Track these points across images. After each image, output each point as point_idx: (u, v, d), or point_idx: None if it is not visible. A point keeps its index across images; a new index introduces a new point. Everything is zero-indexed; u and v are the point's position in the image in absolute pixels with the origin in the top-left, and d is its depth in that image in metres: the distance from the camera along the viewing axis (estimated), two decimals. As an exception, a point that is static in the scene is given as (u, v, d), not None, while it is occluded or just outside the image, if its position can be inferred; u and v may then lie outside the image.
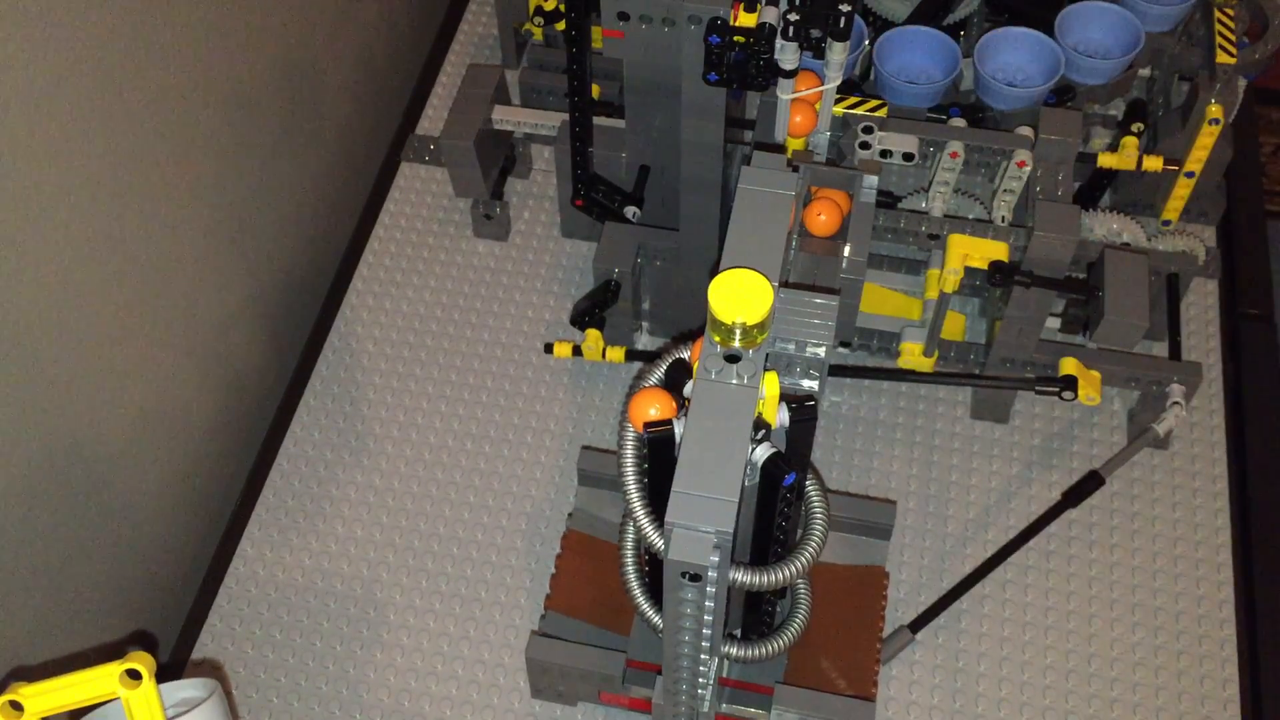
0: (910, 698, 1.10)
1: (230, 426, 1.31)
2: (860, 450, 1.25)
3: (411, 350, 1.33)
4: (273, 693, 1.10)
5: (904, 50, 1.31)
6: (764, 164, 0.88)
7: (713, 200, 1.11)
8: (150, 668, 0.82)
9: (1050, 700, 1.09)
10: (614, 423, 1.27)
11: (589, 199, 1.26)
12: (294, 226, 1.40)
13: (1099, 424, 1.26)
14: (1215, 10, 1.25)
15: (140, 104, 1.06)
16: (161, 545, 1.21)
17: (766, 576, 0.82)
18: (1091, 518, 1.20)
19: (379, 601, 1.15)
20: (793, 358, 0.82)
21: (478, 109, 1.32)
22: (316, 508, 1.22)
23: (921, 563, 1.17)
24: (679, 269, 1.22)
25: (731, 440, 0.75)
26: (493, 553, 1.18)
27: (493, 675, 1.11)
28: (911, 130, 1.20)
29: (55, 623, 1.07)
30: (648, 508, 0.83)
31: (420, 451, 1.25)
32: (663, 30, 0.99)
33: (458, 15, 1.66)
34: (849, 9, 0.96)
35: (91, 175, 1.01)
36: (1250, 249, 1.41)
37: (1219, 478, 1.22)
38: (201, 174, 1.18)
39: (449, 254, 1.41)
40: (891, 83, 1.26)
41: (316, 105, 1.42)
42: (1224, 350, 1.32)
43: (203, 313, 1.23)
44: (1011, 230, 1.16)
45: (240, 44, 1.22)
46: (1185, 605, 1.14)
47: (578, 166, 1.24)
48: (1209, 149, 1.24)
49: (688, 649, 0.84)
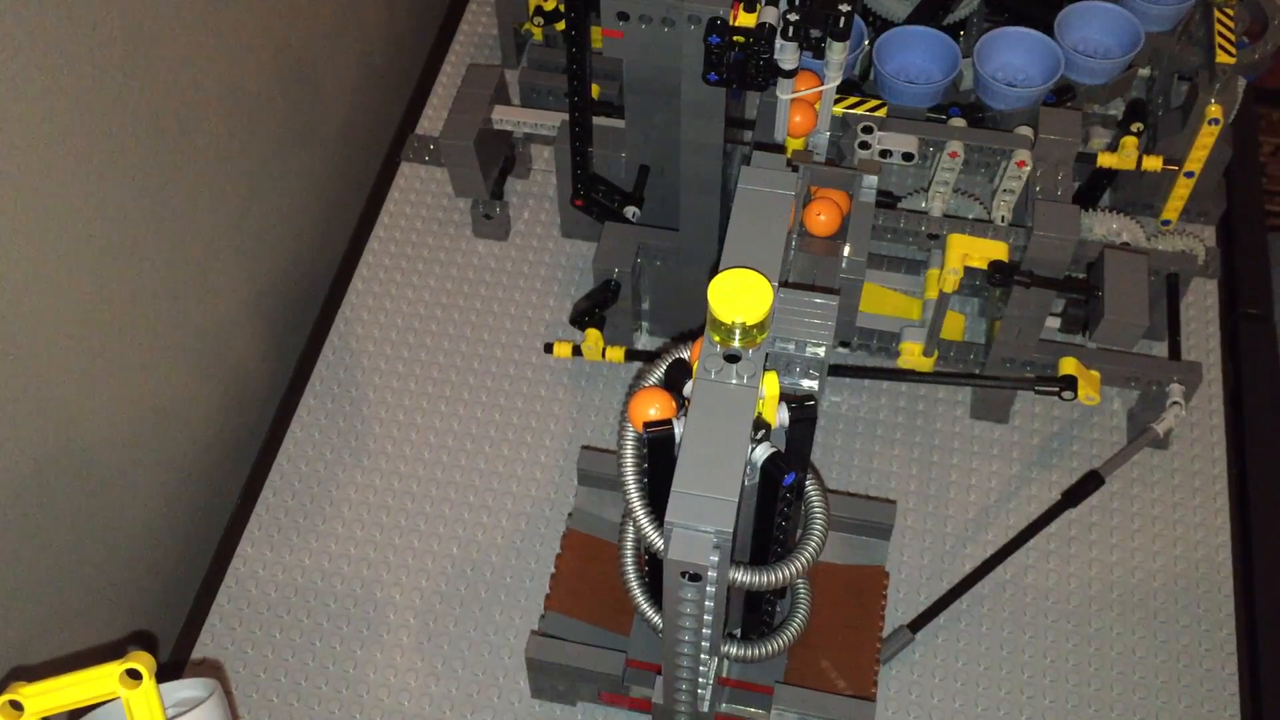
0: (910, 698, 1.10)
1: (230, 426, 1.31)
2: (860, 450, 1.25)
3: (411, 350, 1.33)
4: (273, 693, 1.10)
5: (904, 50, 1.31)
6: (764, 164, 0.88)
7: (713, 200, 1.12)
8: (150, 668, 0.82)
9: (1050, 700, 1.09)
10: (614, 423, 1.27)
11: (589, 199, 1.26)
12: (294, 226, 1.40)
13: (1099, 424, 1.26)
14: (1215, 10, 1.25)
15: (140, 103, 1.06)
16: (161, 545, 1.21)
17: (766, 576, 0.82)
18: (1091, 518, 1.20)
19: (379, 601, 1.15)
20: (793, 358, 0.82)
21: (478, 109, 1.32)
22: (316, 508, 1.22)
23: (921, 563, 1.17)
24: (679, 269, 1.22)
25: (731, 440, 0.75)
26: (493, 553, 1.18)
27: (493, 675, 1.11)
28: (911, 130, 1.20)
29: (55, 623, 1.07)
30: (648, 508, 0.83)
31: (420, 451, 1.25)
32: (663, 30, 0.99)
33: (458, 15, 1.66)
34: (849, 9, 0.96)
35: (91, 175, 1.01)
36: (1250, 249, 1.41)
37: (1219, 478, 1.22)
38: (201, 174, 1.18)
39: (449, 254, 1.41)
40: (891, 83, 1.26)
41: (316, 105, 1.42)
42: (1224, 350, 1.32)
43: (203, 313, 1.23)
44: (1011, 230, 1.16)
45: (240, 44, 1.22)
46: (1185, 605, 1.14)
47: (578, 166, 1.24)
48: (1209, 149, 1.24)
49: (688, 649, 0.84)
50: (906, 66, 1.30)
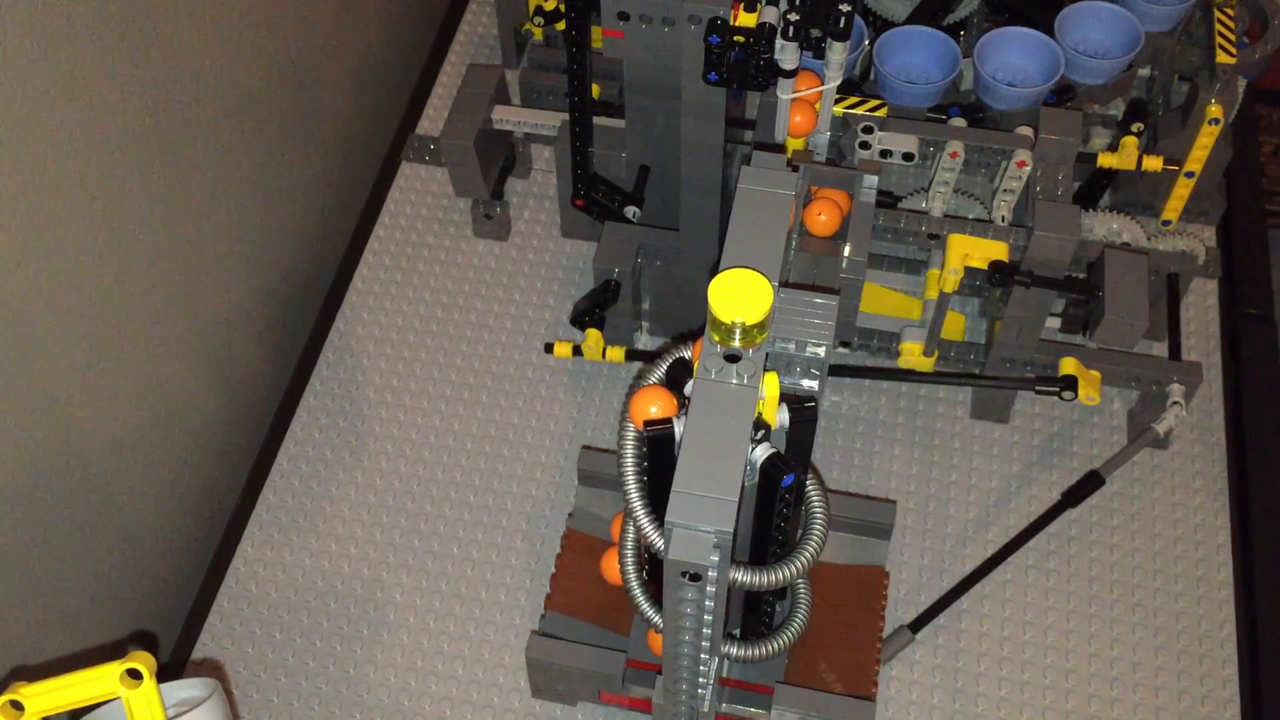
0: (910, 698, 1.10)
1: (230, 426, 1.31)
2: (860, 450, 1.25)
3: (411, 350, 1.33)
4: (273, 693, 1.10)
5: (904, 50, 1.31)
6: (764, 164, 0.88)
7: (713, 200, 1.12)
8: (150, 667, 0.82)
9: (1050, 700, 1.09)
10: (614, 423, 1.27)
11: (589, 199, 1.26)
12: (294, 226, 1.40)
13: (1099, 424, 1.26)
14: (1215, 10, 1.25)
15: (140, 104, 1.06)
16: (161, 545, 1.21)
17: (766, 576, 0.82)
18: (1091, 518, 1.20)
19: (379, 601, 1.15)
20: (793, 357, 0.82)
21: (478, 109, 1.32)
22: (316, 508, 1.22)
23: (921, 563, 1.17)
24: (679, 269, 1.22)
25: (731, 440, 0.75)
26: (493, 553, 1.18)
27: (493, 675, 1.11)
28: (911, 130, 1.20)
29: (55, 623, 1.07)
30: (648, 508, 0.83)
31: (420, 451, 1.25)
32: (663, 30, 0.99)
33: (458, 15, 1.66)
34: (849, 9, 0.96)
35: (91, 175, 1.01)
36: (1250, 249, 1.41)
37: (1219, 478, 1.22)
38: (201, 174, 1.18)
39: (449, 254, 1.41)
40: (891, 83, 1.26)
41: (316, 105, 1.42)
42: (1224, 350, 1.32)
43: (203, 313, 1.23)
44: (1011, 230, 1.16)
45: (240, 44, 1.22)
46: (1185, 605, 1.14)
47: (578, 166, 1.24)
48: (1209, 149, 1.24)
49: (688, 649, 0.84)
50: (907, 66, 1.30)
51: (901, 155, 1.18)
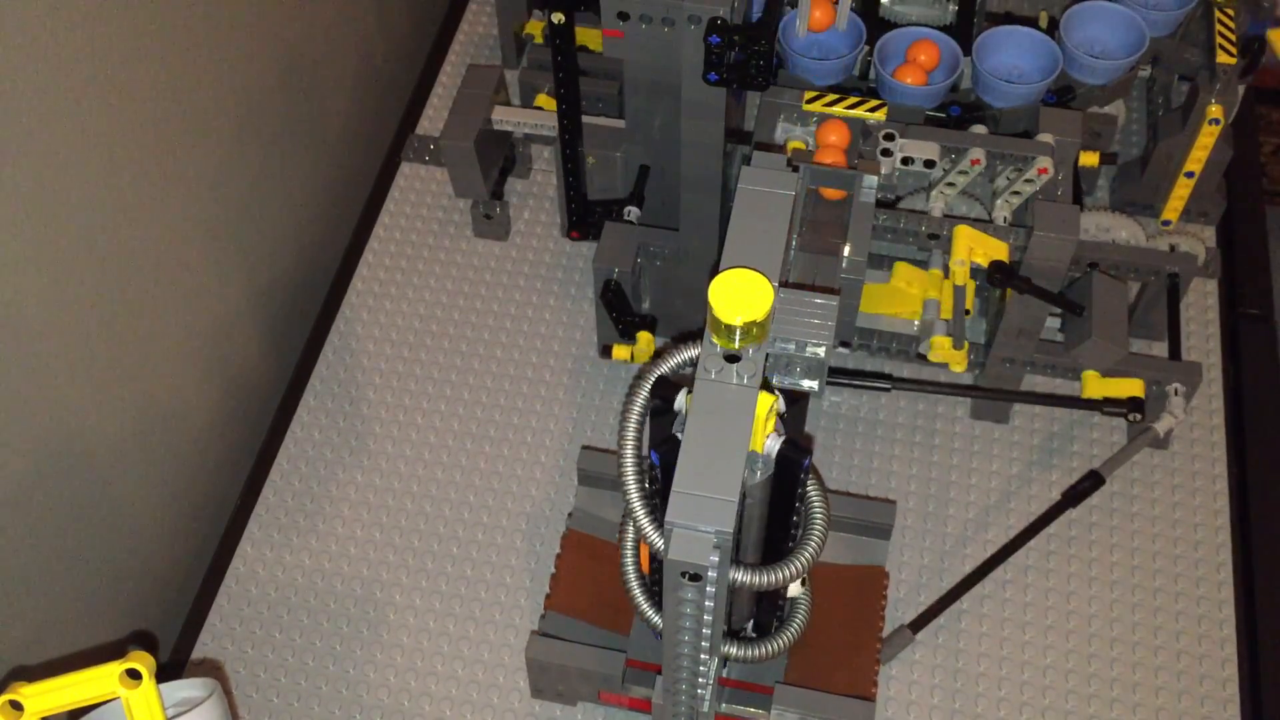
0: (910, 698, 1.10)
1: (230, 426, 1.31)
2: (860, 450, 1.25)
3: (411, 350, 1.33)
4: (273, 693, 1.10)
5: (905, 51, 1.30)
6: (764, 164, 0.88)
7: (713, 200, 1.12)
8: (150, 667, 0.82)
9: (1050, 700, 1.09)
10: (614, 423, 1.27)
11: (584, 226, 1.25)
12: (294, 226, 1.40)
13: (1099, 424, 1.26)
14: (1215, 11, 1.25)
15: (140, 103, 1.06)
16: (161, 545, 1.21)
17: (766, 576, 0.82)
18: (1091, 518, 1.20)
19: (379, 601, 1.15)
20: (793, 358, 0.82)
21: (478, 109, 1.32)
22: (316, 508, 1.22)
23: (921, 563, 1.17)
24: (679, 269, 1.22)
25: (731, 440, 0.75)
26: (493, 553, 1.18)
27: (493, 675, 1.11)
28: (933, 137, 1.18)
29: (55, 623, 1.07)
30: (648, 507, 0.83)
31: (420, 451, 1.25)
32: (663, 30, 0.99)
33: (458, 15, 1.66)
34: None
35: (91, 174, 1.01)
36: (1250, 249, 1.41)
37: (1219, 478, 1.22)
38: (201, 174, 1.18)
39: (449, 254, 1.41)
40: (893, 83, 1.26)
41: (316, 105, 1.42)
42: (1224, 350, 1.32)
43: (203, 313, 1.23)
44: (1011, 230, 1.16)
45: (240, 44, 1.22)
46: (1185, 605, 1.14)
47: (571, 200, 1.22)
48: (1209, 149, 1.24)
49: (688, 649, 0.84)
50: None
51: (923, 163, 1.17)
